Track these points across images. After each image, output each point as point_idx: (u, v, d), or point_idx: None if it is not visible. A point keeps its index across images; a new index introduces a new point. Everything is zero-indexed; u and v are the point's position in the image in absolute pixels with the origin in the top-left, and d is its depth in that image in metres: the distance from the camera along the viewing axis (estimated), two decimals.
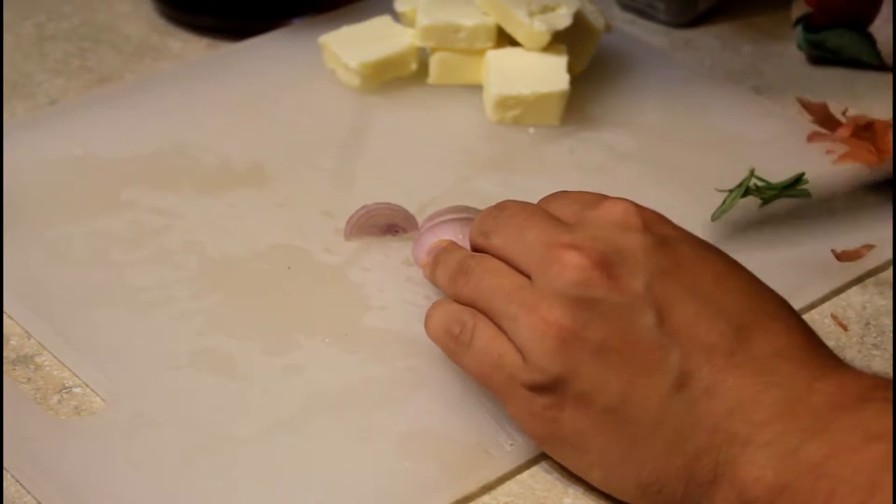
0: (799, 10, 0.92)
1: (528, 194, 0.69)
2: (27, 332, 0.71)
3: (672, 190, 0.80)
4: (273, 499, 0.62)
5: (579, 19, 0.86)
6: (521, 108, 0.84)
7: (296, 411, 0.66)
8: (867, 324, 0.73)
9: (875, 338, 0.73)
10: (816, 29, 0.91)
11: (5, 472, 0.64)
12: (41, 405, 0.67)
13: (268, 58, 0.90)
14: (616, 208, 0.62)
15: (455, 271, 0.65)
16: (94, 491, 0.62)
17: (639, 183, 0.81)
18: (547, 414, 0.61)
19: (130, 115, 0.85)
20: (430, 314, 0.66)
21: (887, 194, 0.71)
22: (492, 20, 0.85)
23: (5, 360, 0.69)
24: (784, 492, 0.55)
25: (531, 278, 0.61)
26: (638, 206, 0.62)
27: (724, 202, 0.79)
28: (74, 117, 0.84)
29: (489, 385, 0.63)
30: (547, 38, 0.84)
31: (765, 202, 0.79)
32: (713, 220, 0.78)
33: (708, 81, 0.90)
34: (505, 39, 0.86)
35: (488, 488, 0.64)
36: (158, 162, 0.81)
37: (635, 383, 0.59)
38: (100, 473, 0.63)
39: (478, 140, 0.84)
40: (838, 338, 0.72)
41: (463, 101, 0.87)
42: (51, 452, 0.64)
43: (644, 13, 0.97)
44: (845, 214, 0.73)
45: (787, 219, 0.76)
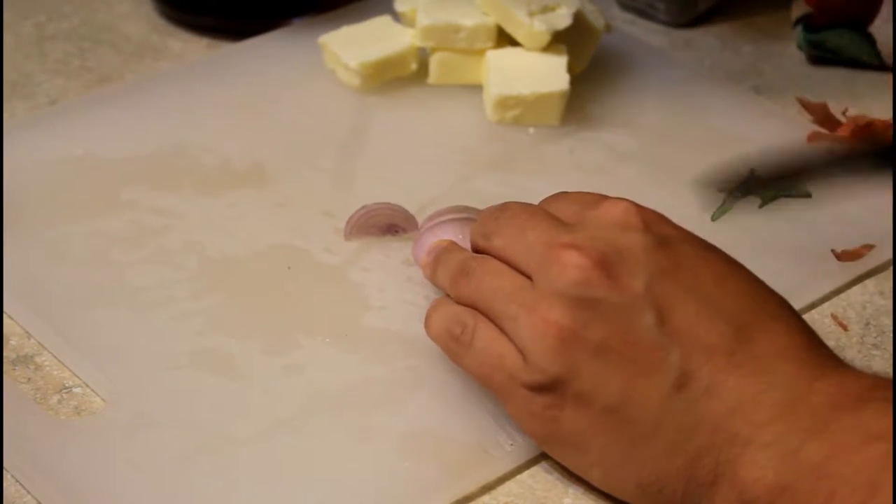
0: (799, 10, 0.92)
1: (528, 194, 0.69)
2: (27, 332, 0.71)
3: (672, 190, 0.80)
4: (273, 499, 0.62)
5: (579, 19, 0.86)
6: (521, 108, 0.84)
7: (296, 411, 0.66)
8: (867, 324, 0.73)
9: (875, 338, 0.73)
10: (816, 29, 0.91)
11: (5, 472, 0.64)
12: (41, 405, 0.67)
13: (268, 58, 0.90)
14: (616, 208, 0.62)
15: (456, 272, 0.65)
16: (94, 491, 0.62)
17: (639, 183, 0.81)
18: (547, 414, 0.61)
19: (130, 115, 0.85)
20: (430, 314, 0.66)
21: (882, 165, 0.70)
22: (492, 20, 0.85)
23: (5, 360, 0.69)
24: (784, 492, 0.55)
25: (532, 279, 0.61)
26: (638, 205, 0.62)
27: (724, 202, 0.79)
28: (74, 117, 0.84)
29: (490, 385, 0.63)
30: (547, 38, 0.84)
31: (765, 202, 0.79)
32: (713, 220, 0.78)
33: (708, 81, 0.90)
34: (505, 39, 0.86)
35: (488, 488, 0.64)
36: (158, 162, 0.81)
37: (635, 383, 0.59)
38: (100, 473, 0.63)
39: (478, 140, 0.84)
40: (838, 338, 0.72)
41: (463, 101, 0.87)
42: (51, 452, 0.63)
43: (644, 13, 0.97)
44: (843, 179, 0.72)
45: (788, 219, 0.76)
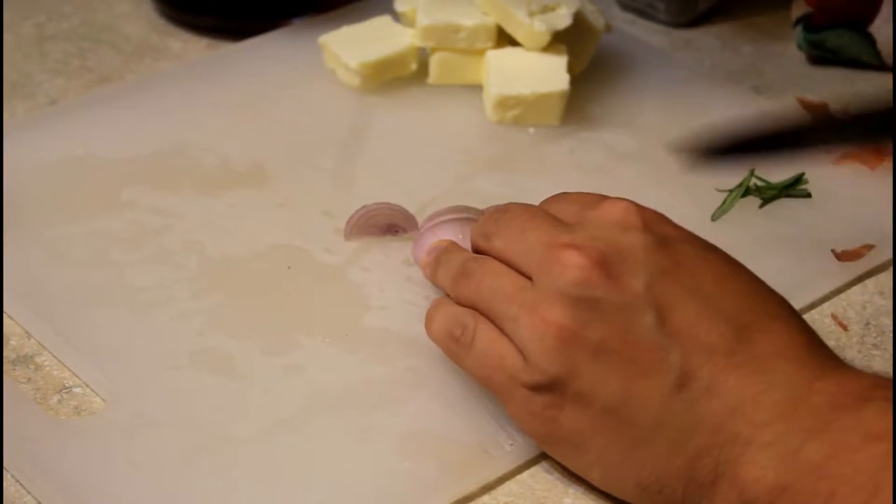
0: (799, 10, 0.92)
1: (528, 194, 0.69)
2: (27, 332, 0.71)
3: (672, 190, 0.80)
4: (273, 499, 0.62)
5: (579, 19, 0.86)
6: (521, 108, 0.84)
7: (296, 411, 0.66)
8: (867, 324, 0.73)
9: (875, 338, 0.73)
10: (816, 29, 0.91)
11: (5, 472, 0.64)
12: (41, 405, 0.67)
13: (268, 58, 0.90)
14: (616, 208, 0.62)
15: (457, 273, 0.65)
16: (94, 491, 0.62)
17: (639, 183, 0.81)
18: (546, 413, 0.61)
19: (130, 115, 0.85)
20: (430, 315, 0.66)
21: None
22: (492, 20, 0.85)
23: (5, 360, 0.69)
24: (785, 492, 0.55)
25: (532, 279, 0.61)
26: (638, 205, 0.62)
27: (724, 202, 0.79)
28: (74, 117, 0.84)
29: (490, 386, 0.63)
30: (547, 38, 0.84)
31: (765, 202, 0.79)
32: (713, 219, 0.78)
33: (708, 81, 0.90)
34: (505, 39, 0.86)
35: (488, 488, 0.64)
36: (158, 162, 0.81)
37: (635, 383, 0.59)
38: (100, 473, 0.63)
39: (478, 140, 0.84)
40: (838, 338, 0.72)
41: (463, 101, 0.87)
42: (51, 452, 0.63)
43: (644, 13, 0.97)
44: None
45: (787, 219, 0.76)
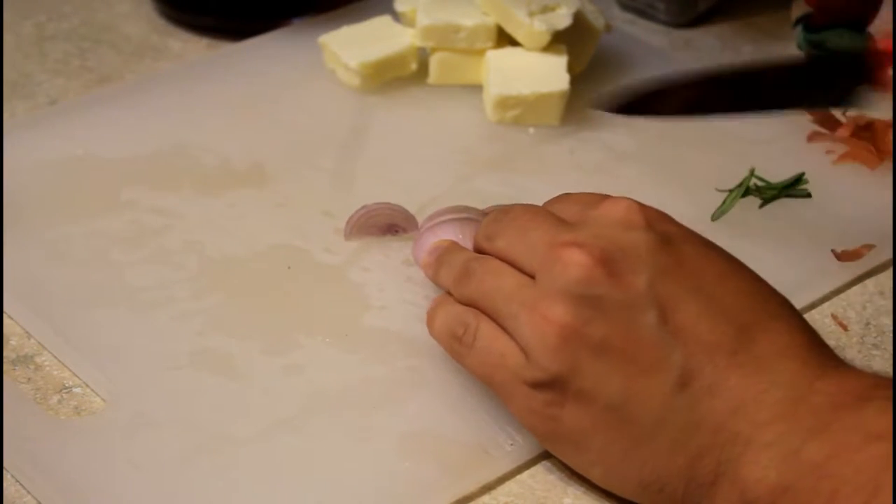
0: (799, 10, 0.92)
1: (528, 194, 0.69)
2: (27, 332, 0.71)
3: (672, 190, 0.80)
4: (273, 499, 0.62)
5: (579, 19, 0.86)
6: (521, 108, 0.84)
7: (296, 411, 0.66)
8: (867, 324, 0.73)
9: (875, 338, 0.73)
10: (816, 29, 0.91)
11: (5, 472, 0.63)
12: (41, 405, 0.67)
13: (268, 58, 0.90)
14: (618, 206, 0.62)
15: (459, 272, 0.65)
16: (94, 491, 0.62)
17: (639, 183, 0.81)
18: (547, 411, 0.61)
19: (130, 115, 0.85)
20: (432, 314, 0.66)
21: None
22: (492, 20, 0.85)
23: (5, 360, 0.69)
24: (786, 492, 0.55)
25: (535, 278, 0.61)
26: (641, 204, 0.62)
27: (724, 202, 0.79)
28: (74, 117, 0.84)
29: (492, 384, 0.63)
30: (547, 38, 0.84)
31: (765, 202, 0.79)
32: (713, 219, 0.78)
33: None
34: (505, 39, 0.86)
35: (488, 488, 0.64)
36: (158, 162, 0.81)
37: (637, 382, 0.59)
38: (100, 473, 0.63)
39: (478, 140, 0.84)
40: (838, 338, 0.72)
41: (463, 101, 0.87)
42: (51, 452, 0.63)
43: (644, 13, 0.97)
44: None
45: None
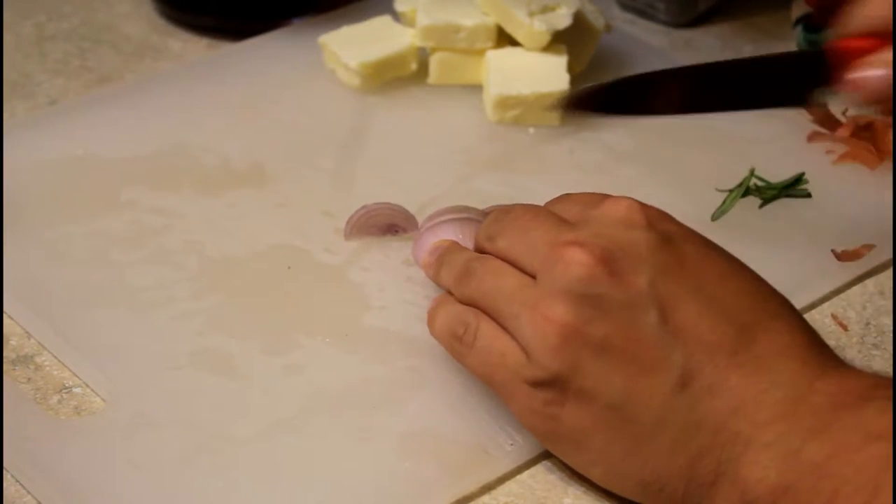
0: (799, 10, 0.92)
1: (528, 194, 0.69)
2: (27, 332, 0.71)
3: (672, 190, 0.80)
4: (273, 499, 0.62)
5: (579, 19, 0.86)
6: (521, 108, 0.84)
7: (296, 411, 0.66)
8: (867, 324, 0.73)
9: (875, 338, 0.73)
10: (816, 29, 0.91)
11: (5, 472, 0.63)
12: (41, 405, 0.67)
13: (268, 58, 0.90)
14: (619, 205, 0.62)
15: (460, 272, 0.65)
16: (94, 491, 0.62)
17: (639, 183, 0.81)
18: (547, 410, 0.61)
19: (130, 115, 0.85)
20: (433, 314, 0.66)
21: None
22: (492, 20, 0.85)
23: (5, 360, 0.69)
24: (787, 492, 0.55)
25: (536, 278, 0.61)
26: (642, 203, 0.62)
27: (724, 202, 0.79)
28: (74, 117, 0.84)
29: (492, 384, 0.63)
30: (547, 38, 0.84)
31: (765, 202, 0.79)
32: (713, 219, 0.78)
33: None
34: (505, 39, 0.86)
35: (488, 488, 0.64)
36: (158, 162, 0.81)
37: (638, 381, 0.59)
38: (100, 473, 0.63)
39: (478, 140, 0.84)
40: (838, 338, 0.72)
41: (463, 101, 0.86)
42: (51, 452, 0.63)
43: (644, 13, 0.97)
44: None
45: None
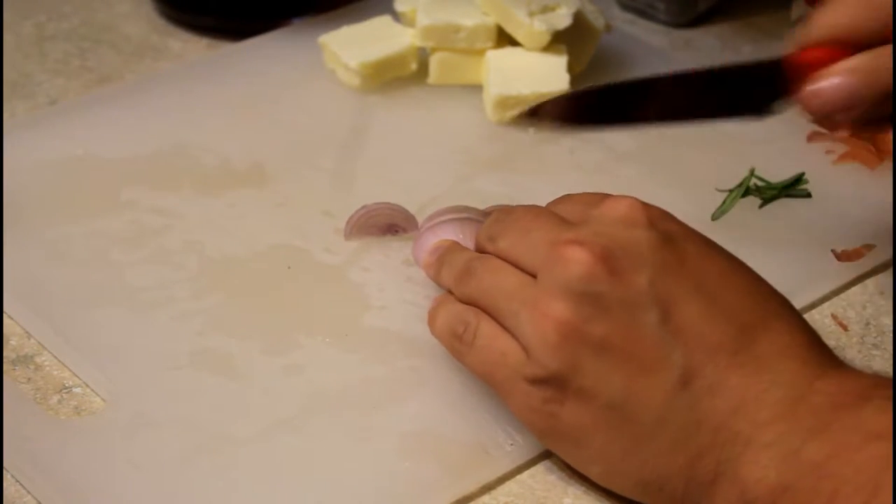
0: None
1: (528, 194, 0.69)
2: (27, 332, 0.71)
3: (672, 190, 0.80)
4: (273, 499, 0.62)
5: (579, 19, 0.86)
6: (521, 108, 0.84)
7: (296, 411, 0.66)
8: (867, 324, 0.73)
9: (875, 338, 0.73)
10: None
11: (5, 472, 0.63)
12: (41, 405, 0.67)
13: (268, 58, 0.90)
14: (620, 204, 0.62)
15: (460, 272, 0.65)
16: (94, 491, 0.62)
17: (639, 183, 0.81)
18: (547, 408, 0.61)
19: (130, 115, 0.85)
20: (433, 313, 0.66)
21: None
22: (492, 20, 0.85)
23: (5, 360, 0.69)
24: (787, 492, 0.55)
25: (536, 277, 0.61)
26: (643, 202, 0.62)
27: (724, 202, 0.79)
28: (74, 117, 0.84)
29: (492, 383, 0.63)
30: (547, 38, 0.84)
31: (765, 202, 0.79)
32: (713, 219, 0.78)
33: None
34: (505, 39, 0.86)
35: (488, 488, 0.64)
36: (158, 162, 0.81)
37: (638, 380, 0.59)
38: (100, 473, 0.63)
39: (478, 140, 0.84)
40: (838, 338, 0.72)
41: (463, 101, 0.87)
42: (51, 452, 0.63)
43: (644, 13, 0.97)
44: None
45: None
